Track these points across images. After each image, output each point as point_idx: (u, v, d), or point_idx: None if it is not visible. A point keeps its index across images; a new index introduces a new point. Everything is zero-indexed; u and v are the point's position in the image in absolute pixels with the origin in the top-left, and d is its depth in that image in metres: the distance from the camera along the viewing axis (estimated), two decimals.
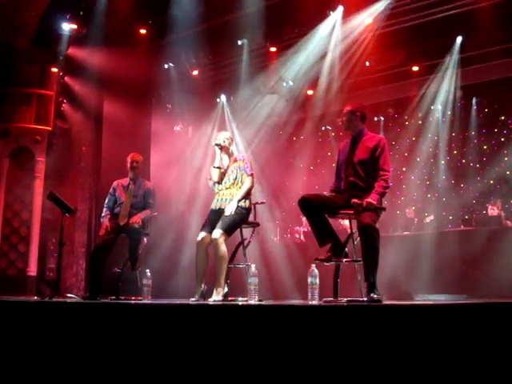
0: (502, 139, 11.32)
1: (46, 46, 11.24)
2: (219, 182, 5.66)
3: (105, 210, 6.85)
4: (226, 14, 10.04)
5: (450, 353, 2.92)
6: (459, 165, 11.43)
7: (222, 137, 5.78)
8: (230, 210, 5.33)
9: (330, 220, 4.99)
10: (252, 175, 5.61)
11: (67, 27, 10.60)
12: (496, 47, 9.59)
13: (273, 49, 10.64)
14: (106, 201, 6.92)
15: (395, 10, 9.26)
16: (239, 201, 5.41)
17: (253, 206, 5.69)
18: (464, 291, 7.75)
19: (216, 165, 5.69)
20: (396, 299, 6.30)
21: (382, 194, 4.73)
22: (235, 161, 5.68)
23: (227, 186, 5.58)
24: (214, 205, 5.55)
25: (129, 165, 6.86)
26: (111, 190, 6.93)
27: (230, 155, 5.76)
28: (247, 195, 5.54)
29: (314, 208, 4.81)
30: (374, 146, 4.85)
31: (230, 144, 5.77)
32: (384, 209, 4.76)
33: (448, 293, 7.88)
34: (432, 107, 11.27)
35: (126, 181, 6.92)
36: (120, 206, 6.74)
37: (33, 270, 11.23)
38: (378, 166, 4.80)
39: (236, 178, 5.57)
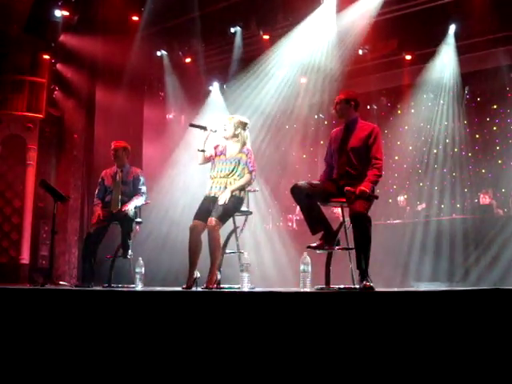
0: (494, 128, 11.35)
1: (37, 33, 11.18)
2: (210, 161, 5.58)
3: (96, 200, 6.84)
4: (219, 1, 10.00)
5: (443, 339, 2.94)
6: (451, 153, 11.44)
7: (224, 122, 5.57)
8: (223, 199, 5.25)
9: (323, 208, 5.00)
10: (253, 172, 5.46)
11: (59, 14, 10.55)
12: (489, 36, 9.58)
13: (266, 36, 10.59)
14: (96, 191, 6.89)
15: None
16: (233, 191, 5.34)
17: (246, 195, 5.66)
18: (456, 279, 7.79)
19: (200, 148, 5.57)
20: (388, 287, 6.32)
21: (375, 183, 4.75)
22: (239, 152, 5.51)
23: (222, 175, 5.46)
24: (208, 192, 5.50)
25: (111, 153, 6.86)
26: (100, 181, 6.91)
27: (234, 141, 5.55)
28: (242, 188, 5.46)
29: (307, 196, 4.82)
30: (367, 135, 4.86)
31: (235, 129, 5.51)
32: (377, 197, 4.77)
33: (441, 280, 7.92)
34: (425, 96, 11.28)
35: (113, 169, 6.87)
36: (111, 195, 6.71)
37: (25, 257, 11.23)
38: (370, 154, 4.82)
39: (233, 170, 5.43)
